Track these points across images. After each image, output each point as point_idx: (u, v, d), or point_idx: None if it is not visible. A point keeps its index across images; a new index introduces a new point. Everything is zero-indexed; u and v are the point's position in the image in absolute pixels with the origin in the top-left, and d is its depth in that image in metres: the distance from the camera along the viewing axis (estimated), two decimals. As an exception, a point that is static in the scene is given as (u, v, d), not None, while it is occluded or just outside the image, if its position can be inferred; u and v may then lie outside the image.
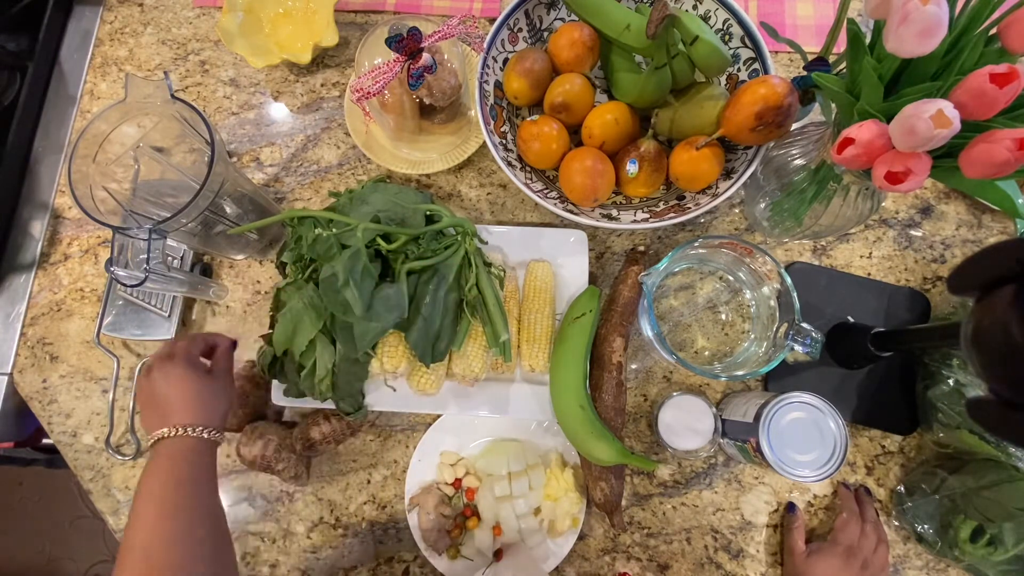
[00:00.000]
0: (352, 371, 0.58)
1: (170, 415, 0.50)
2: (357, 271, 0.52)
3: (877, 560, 0.58)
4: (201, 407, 0.51)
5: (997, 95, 0.35)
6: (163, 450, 0.49)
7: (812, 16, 0.76)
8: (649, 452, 0.66)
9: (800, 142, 0.55)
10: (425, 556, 0.62)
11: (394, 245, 0.55)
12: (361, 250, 0.53)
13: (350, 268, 0.52)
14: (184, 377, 0.52)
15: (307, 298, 0.55)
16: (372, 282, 0.54)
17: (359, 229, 0.54)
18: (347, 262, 0.52)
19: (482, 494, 0.63)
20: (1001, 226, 0.69)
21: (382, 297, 0.54)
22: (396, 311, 0.54)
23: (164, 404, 0.51)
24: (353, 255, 0.53)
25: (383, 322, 0.54)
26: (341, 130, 0.75)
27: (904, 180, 0.40)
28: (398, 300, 0.54)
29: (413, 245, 0.57)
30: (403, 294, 0.55)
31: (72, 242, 0.73)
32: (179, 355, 0.53)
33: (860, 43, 0.42)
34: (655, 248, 0.70)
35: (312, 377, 0.57)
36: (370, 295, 0.53)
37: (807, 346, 0.55)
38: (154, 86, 0.54)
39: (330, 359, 0.57)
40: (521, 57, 0.63)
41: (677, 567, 0.63)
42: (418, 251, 0.56)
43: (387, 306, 0.54)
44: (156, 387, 0.52)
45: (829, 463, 0.53)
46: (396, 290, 0.54)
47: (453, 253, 0.58)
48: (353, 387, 0.60)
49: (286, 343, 0.57)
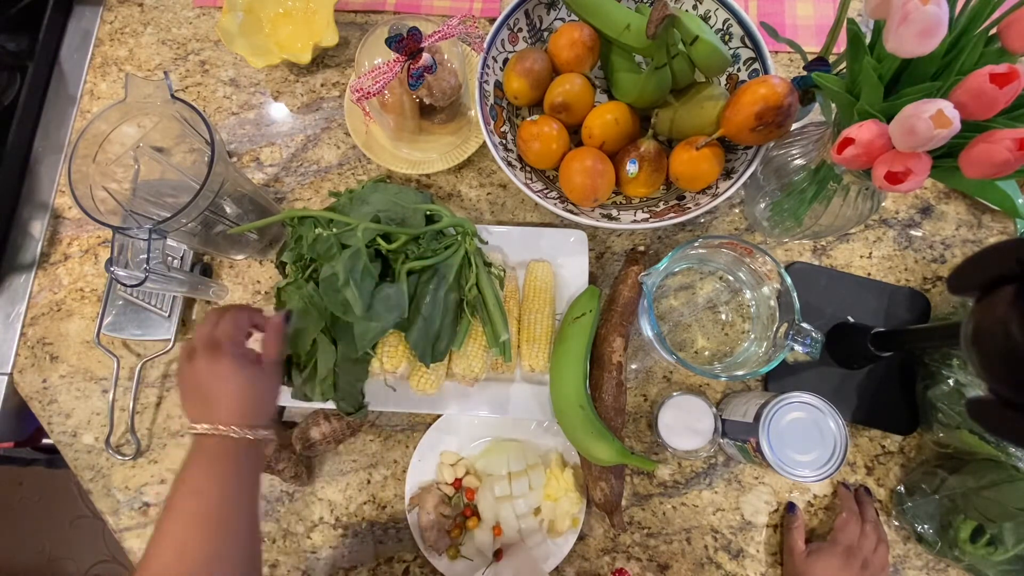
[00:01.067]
0: (353, 371, 0.58)
1: (216, 411, 0.46)
2: (357, 271, 0.52)
3: (877, 560, 0.58)
4: (250, 406, 0.48)
5: (997, 95, 0.35)
6: (207, 447, 0.46)
7: (812, 16, 0.76)
8: (649, 452, 0.66)
9: (800, 142, 0.55)
10: (425, 556, 0.62)
11: (394, 245, 0.55)
12: (361, 250, 0.53)
13: (350, 268, 0.52)
14: (234, 372, 0.48)
15: (307, 297, 0.55)
16: (372, 282, 0.54)
17: (359, 229, 0.53)
18: (347, 262, 0.52)
19: (482, 494, 0.63)
20: (1001, 226, 0.69)
21: (382, 297, 0.54)
22: (396, 311, 0.54)
23: (209, 398, 0.47)
24: (353, 255, 0.53)
25: (383, 322, 0.53)
26: (341, 130, 0.75)
27: (904, 180, 0.40)
28: (398, 300, 0.54)
29: (413, 245, 0.57)
30: (403, 294, 0.54)
31: (72, 242, 0.73)
32: (227, 345, 0.49)
33: (860, 43, 0.42)
34: (655, 248, 0.70)
35: (314, 378, 0.57)
36: (370, 295, 0.53)
37: (807, 346, 0.55)
38: (154, 86, 0.54)
39: (331, 359, 0.57)
40: (521, 57, 0.63)
41: (677, 567, 0.63)
42: (418, 251, 0.56)
43: (387, 306, 0.54)
44: (200, 379, 0.48)
45: (829, 463, 0.53)
46: (396, 290, 0.54)
47: (453, 253, 0.58)
48: (354, 387, 0.60)
49: (289, 346, 0.57)
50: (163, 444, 0.68)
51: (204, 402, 0.47)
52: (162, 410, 0.68)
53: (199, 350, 0.49)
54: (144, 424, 0.68)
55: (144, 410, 0.68)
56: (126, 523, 0.66)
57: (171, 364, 0.69)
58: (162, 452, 0.67)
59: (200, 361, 0.48)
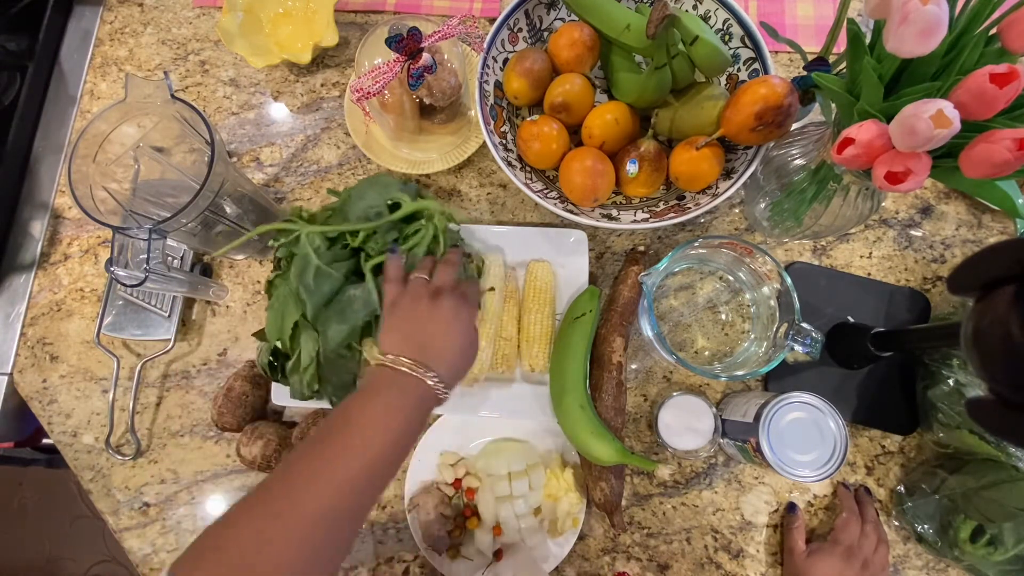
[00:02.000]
0: (338, 362, 0.58)
1: (428, 356, 0.44)
2: (308, 277, 0.54)
3: (877, 560, 0.58)
4: (459, 366, 0.47)
5: (997, 95, 0.35)
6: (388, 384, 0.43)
7: (812, 16, 0.76)
8: (649, 452, 0.66)
9: (800, 142, 0.55)
10: (425, 556, 0.62)
11: (356, 242, 0.56)
12: (308, 255, 0.54)
13: (300, 272, 0.54)
14: (468, 327, 0.47)
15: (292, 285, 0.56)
16: (334, 282, 0.54)
17: (303, 234, 0.54)
18: (296, 269, 0.54)
19: (482, 494, 0.63)
20: (1001, 226, 0.69)
21: (346, 299, 0.55)
22: (365, 309, 0.55)
23: (427, 339, 0.45)
24: (300, 261, 0.54)
25: (351, 323, 0.54)
26: (341, 130, 0.75)
27: (904, 180, 0.40)
28: (366, 298, 0.55)
29: (372, 241, 0.56)
30: (371, 292, 0.55)
31: (72, 242, 0.73)
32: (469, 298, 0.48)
33: (860, 43, 0.42)
34: (655, 248, 0.70)
35: (298, 367, 0.57)
36: (327, 297, 0.54)
37: (807, 346, 0.55)
38: (154, 86, 0.54)
39: (313, 347, 0.57)
40: (521, 57, 0.63)
41: (677, 567, 0.63)
42: (377, 246, 0.56)
43: (352, 307, 0.54)
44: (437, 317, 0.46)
45: (829, 463, 0.53)
46: (363, 289, 0.55)
47: (420, 240, 0.57)
48: (343, 378, 0.59)
49: (277, 332, 0.57)
50: (163, 444, 0.68)
51: (417, 340, 0.45)
52: (162, 410, 0.68)
53: (447, 290, 0.48)
54: (144, 424, 0.68)
55: (144, 410, 0.68)
56: (126, 523, 0.66)
57: (171, 364, 0.69)
58: (162, 452, 0.67)
59: (446, 300, 0.47)
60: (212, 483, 0.67)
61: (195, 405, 0.68)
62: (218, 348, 0.70)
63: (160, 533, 0.66)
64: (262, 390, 0.65)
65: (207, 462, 0.67)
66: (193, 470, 0.67)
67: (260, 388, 0.65)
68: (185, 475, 0.67)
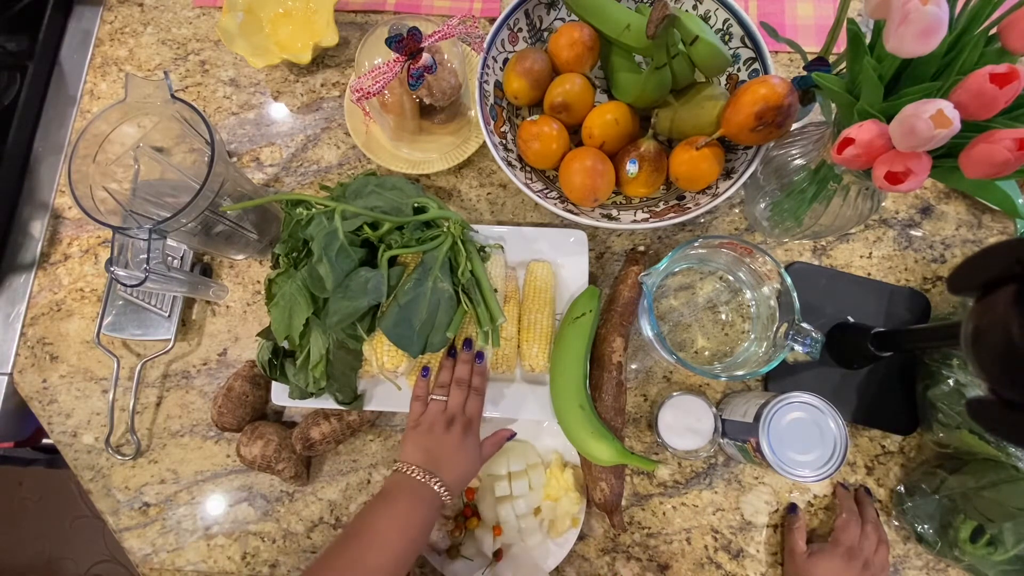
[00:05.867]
0: (346, 359, 0.58)
1: (440, 468, 0.54)
2: (333, 248, 0.54)
3: (878, 560, 0.58)
4: (463, 478, 0.56)
5: (997, 95, 0.35)
6: (404, 489, 0.53)
7: (812, 16, 0.76)
8: (649, 452, 0.66)
9: (800, 142, 0.55)
10: (425, 556, 0.62)
11: (380, 232, 0.56)
12: (338, 229, 0.54)
13: (325, 245, 0.54)
14: (472, 449, 0.57)
15: (300, 280, 0.56)
16: (351, 263, 0.55)
17: (337, 210, 0.55)
18: (324, 239, 0.54)
19: (482, 494, 0.63)
20: (1001, 226, 0.69)
21: (358, 278, 0.55)
22: (372, 294, 0.55)
23: (441, 455, 0.55)
24: (330, 233, 0.54)
25: (356, 302, 0.54)
26: (341, 130, 0.75)
27: (904, 180, 0.40)
28: (376, 284, 0.55)
29: (397, 234, 0.57)
30: (383, 279, 0.55)
31: (72, 242, 0.73)
32: (473, 424, 0.58)
33: (860, 43, 0.42)
34: (655, 248, 0.70)
35: (307, 365, 0.57)
36: (344, 274, 0.54)
37: (807, 346, 0.55)
38: (154, 86, 0.54)
39: (323, 345, 0.57)
40: (521, 57, 0.63)
41: (677, 567, 0.63)
42: (402, 239, 0.57)
43: (362, 287, 0.54)
44: (447, 442, 0.56)
45: (829, 463, 0.53)
46: (376, 275, 0.55)
47: (439, 244, 0.58)
48: (348, 376, 0.60)
49: (285, 330, 0.57)
50: (163, 444, 0.68)
51: (435, 459, 0.55)
52: (162, 410, 0.68)
53: (469, 429, 0.58)
54: (144, 424, 0.68)
55: (144, 410, 0.68)
56: (126, 523, 0.66)
57: (171, 364, 0.69)
58: (162, 452, 0.68)
59: (470, 439, 0.57)
60: (212, 483, 0.67)
61: (195, 405, 0.68)
62: (218, 348, 0.70)
63: (160, 533, 0.66)
64: (262, 390, 0.65)
65: (207, 462, 0.67)
66: (193, 470, 0.67)
67: (260, 388, 0.65)
68: (185, 475, 0.67)
